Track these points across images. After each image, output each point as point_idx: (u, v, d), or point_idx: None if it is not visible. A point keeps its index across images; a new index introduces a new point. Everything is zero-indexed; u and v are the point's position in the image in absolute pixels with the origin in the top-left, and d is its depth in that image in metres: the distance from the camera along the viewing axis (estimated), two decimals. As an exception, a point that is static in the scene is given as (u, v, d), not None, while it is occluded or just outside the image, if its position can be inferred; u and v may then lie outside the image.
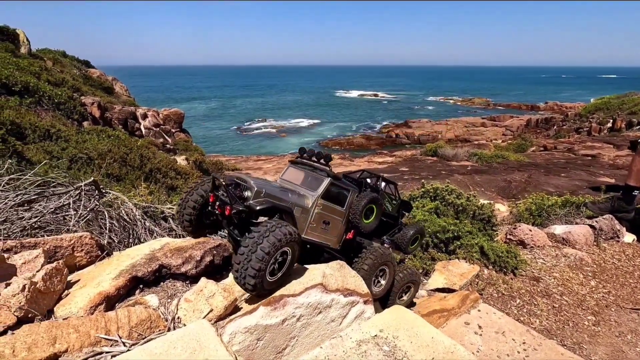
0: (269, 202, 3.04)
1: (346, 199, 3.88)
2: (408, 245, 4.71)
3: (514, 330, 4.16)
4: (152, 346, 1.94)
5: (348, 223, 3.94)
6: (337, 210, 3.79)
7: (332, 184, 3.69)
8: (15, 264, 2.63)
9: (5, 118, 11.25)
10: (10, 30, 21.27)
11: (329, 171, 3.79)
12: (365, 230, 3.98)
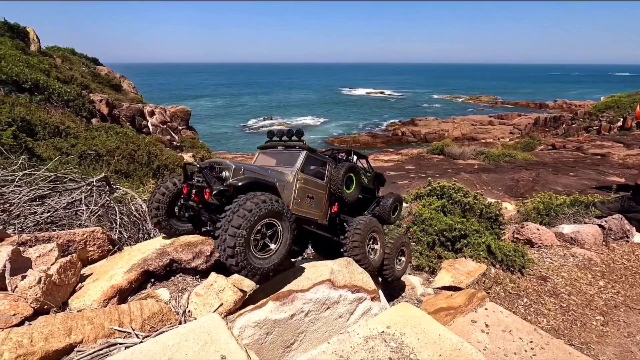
0: (250, 177, 2.97)
1: (325, 171, 3.94)
2: (390, 214, 4.86)
3: (521, 329, 4.15)
4: (165, 338, 1.98)
5: (331, 196, 4.01)
6: (318, 183, 3.84)
7: (308, 157, 3.73)
8: (30, 257, 2.70)
9: (16, 115, 11.42)
10: (20, 28, 21.54)
11: (303, 145, 3.83)
12: (349, 200, 4.07)
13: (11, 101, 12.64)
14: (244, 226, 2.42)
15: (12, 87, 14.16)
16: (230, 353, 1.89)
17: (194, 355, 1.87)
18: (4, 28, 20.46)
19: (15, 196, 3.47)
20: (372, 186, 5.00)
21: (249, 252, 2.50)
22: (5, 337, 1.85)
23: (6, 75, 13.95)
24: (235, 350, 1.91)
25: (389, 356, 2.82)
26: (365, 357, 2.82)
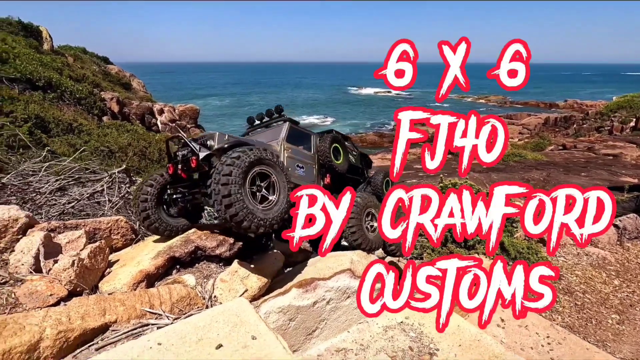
0: (235, 140, 3.01)
1: (310, 142, 4.02)
2: (383, 189, 4.95)
3: (538, 324, 4.14)
4: (195, 320, 2.04)
5: (321, 168, 4.09)
6: (306, 154, 3.92)
7: (291, 128, 3.82)
8: (60, 243, 2.78)
9: (31, 112, 11.65)
10: (34, 27, 21.90)
11: (284, 117, 3.95)
12: (340, 170, 4.15)
13: (25, 98, 12.89)
14: (234, 173, 2.39)
15: (26, 84, 14.42)
16: (260, 334, 1.94)
17: (225, 335, 1.92)
18: (18, 27, 20.83)
19: (42, 186, 3.58)
20: (360, 165, 5.10)
21: (248, 201, 2.45)
22: (44, 315, 1.92)
23: (20, 73, 14.20)
24: (264, 332, 1.96)
25: (409, 345, 2.85)
26: (385, 345, 2.86)
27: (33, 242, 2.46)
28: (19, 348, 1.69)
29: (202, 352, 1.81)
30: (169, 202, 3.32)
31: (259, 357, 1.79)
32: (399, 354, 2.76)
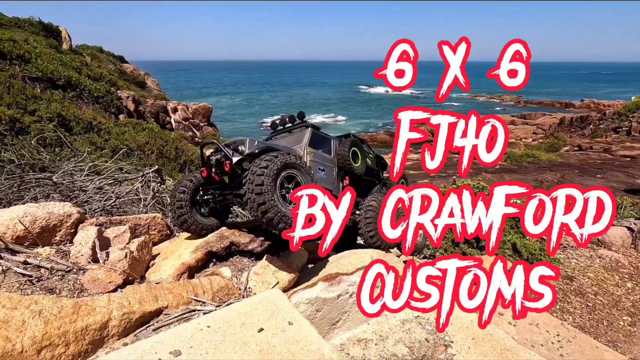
0: (265, 146, 3.23)
1: (330, 146, 4.23)
2: None
3: (548, 323, 4.28)
4: (237, 307, 2.29)
5: (341, 170, 4.27)
6: (327, 157, 4.13)
7: (314, 133, 4.02)
8: (109, 237, 3.08)
9: (53, 111, 12.18)
10: (54, 27, 22.61)
11: (307, 123, 4.14)
12: (359, 173, 4.33)
13: (47, 97, 13.45)
14: (266, 181, 2.60)
15: (47, 83, 14.98)
16: (296, 321, 2.18)
17: (265, 321, 2.17)
18: (39, 27, 21.55)
19: (86, 184, 3.90)
20: (376, 167, 5.23)
21: (280, 204, 2.66)
22: (108, 299, 2.21)
23: (42, 73, 14.76)
24: (299, 319, 2.21)
25: (425, 337, 3.07)
26: (403, 337, 3.08)
27: (89, 235, 2.76)
28: (93, 326, 1.98)
29: (246, 334, 2.06)
30: (200, 203, 3.58)
31: (296, 339, 2.04)
32: (416, 344, 2.97)
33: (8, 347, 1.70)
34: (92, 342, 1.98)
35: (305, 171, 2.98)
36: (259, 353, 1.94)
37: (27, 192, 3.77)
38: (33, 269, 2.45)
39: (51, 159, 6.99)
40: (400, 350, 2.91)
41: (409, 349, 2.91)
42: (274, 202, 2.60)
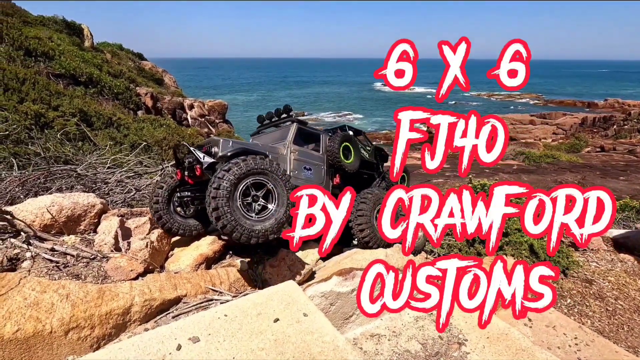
0: (238, 147, 2.95)
1: (319, 142, 3.91)
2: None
3: (566, 325, 4.19)
4: (253, 297, 2.34)
5: (330, 167, 3.97)
6: (314, 155, 3.82)
7: (299, 129, 3.73)
8: (130, 227, 3.18)
9: (75, 106, 12.60)
10: (76, 25, 23.30)
11: (292, 117, 3.84)
12: (350, 170, 4.03)
13: (70, 93, 13.90)
14: (223, 186, 2.37)
15: (70, 80, 15.47)
16: (310, 312, 2.22)
17: (280, 311, 2.21)
18: (62, 25, 22.24)
19: (109, 177, 4.03)
20: (375, 160, 4.95)
21: (237, 213, 2.42)
22: (130, 286, 2.29)
23: (65, 70, 15.24)
24: (314, 311, 2.24)
25: (439, 334, 3.05)
26: (416, 334, 3.07)
27: (112, 225, 2.86)
28: (117, 310, 2.06)
29: (262, 324, 2.11)
30: (182, 204, 3.40)
31: (311, 330, 2.07)
32: (429, 341, 2.97)
33: (39, 328, 1.80)
34: (116, 326, 2.07)
35: (279, 176, 2.67)
36: (274, 342, 1.98)
37: (53, 183, 3.92)
38: (60, 256, 2.56)
39: (74, 153, 7.24)
40: (414, 347, 2.91)
41: (422, 346, 2.91)
42: (229, 209, 2.39)
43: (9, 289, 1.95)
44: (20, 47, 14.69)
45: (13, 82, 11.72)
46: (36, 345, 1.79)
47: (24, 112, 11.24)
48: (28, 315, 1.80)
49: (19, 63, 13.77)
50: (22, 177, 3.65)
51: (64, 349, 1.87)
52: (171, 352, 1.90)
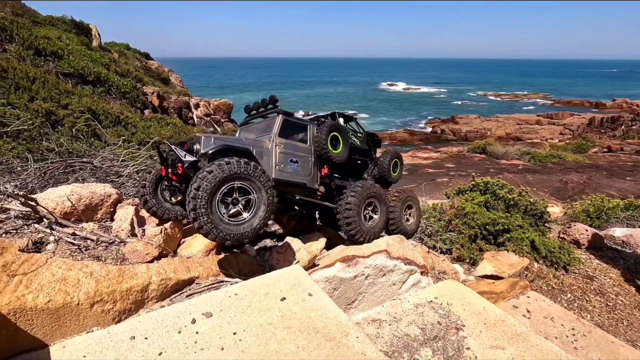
0: (220, 145, 2.94)
1: (307, 133, 3.83)
2: (390, 172, 4.71)
3: (564, 317, 4.29)
4: (261, 279, 2.50)
5: (319, 159, 3.87)
6: (300, 147, 3.74)
7: (285, 121, 3.64)
8: (144, 216, 3.35)
9: (84, 105, 12.90)
10: (84, 25, 23.69)
11: (278, 110, 3.74)
12: (338, 160, 3.90)
13: (78, 92, 14.21)
14: (203, 188, 2.39)
15: (78, 79, 15.78)
16: (315, 293, 2.37)
17: (287, 291, 2.36)
18: (71, 25, 22.64)
19: (122, 170, 4.22)
20: (367, 147, 4.84)
21: (214, 215, 2.44)
22: (146, 267, 2.46)
23: (74, 69, 15.56)
24: (318, 291, 2.39)
25: (437, 320, 3.18)
26: (416, 319, 3.21)
27: (128, 212, 3.04)
28: (136, 287, 2.22)
29: (270, 302, 2.26)
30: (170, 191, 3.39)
31: (315, 308, 2.22)
32: (428, 326, 3.10)
33: (67, 299, 1.97)
34: (135, 302, 2.23)
35: (262, 184, 2.65)
36: (281, 318, 2.14)
37: (70, 175, 4.11)
38: (80, 240, 2.74)
39: (86, 148, 7.47)
40: (413, 331, 3.04)
41: (421, 330, 3.04)
42: (205, 211, 2.41)
43: (38, 266, 2.12)
44: (30, 47, 15.02)
45: (23, 80, 12.03)
46: (65, 316, 1.96)
47: (35, 110, 11.55)
48: (57, 289, 1.98)
49: (28, 62, 14.10)
50: (42, 169, 3.85)
51: (89, 320, 2.04)
52: (187, 325, 2.06)
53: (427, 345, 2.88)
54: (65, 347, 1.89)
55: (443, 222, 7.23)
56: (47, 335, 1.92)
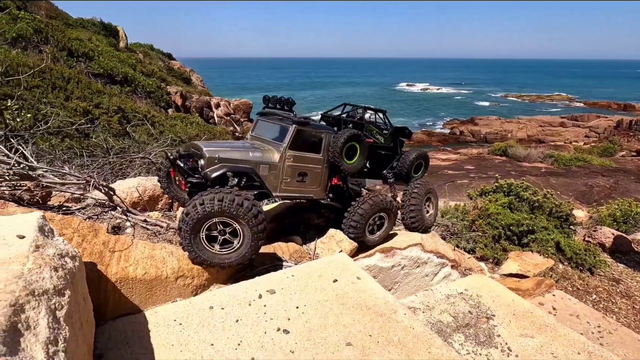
0: (223, 167, 2.98)
1: (321, 143, 3.62)
2: (410, 172, 4.48)
3: (590, 315, 4.41)
4: (313, 263, 2.81)
5: (331, 168, 3.71)
6: (312, 158, 3.57)
7: (299, 132, 3.45)
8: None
9: (114, 104, 13.59)
10: (112, 27, 24.73)
11: (293, 118, 3.52)
12: (351, 172, 3.74)
13: (108, 92, 14.95)
14: (191, 217, 2.45)
15: (107, 79, 16.58)
16: (362, 276, 2.66)
17: (338, 274, 2.66)
18: (100, 27, 23.69)
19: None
20: (391, 143, 4.63)
21: (198, 243, 2.50)
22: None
23: (103, 69, 16.36)
24: (365, 275, 2.68)
25: (468, 310, 3.42)
26: (448, 308, 3.45)
27: (189, 203, 3.40)
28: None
29: (323, 283, 2.57)
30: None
31: (365, 289, 2.51)
32: (460, 315, 3.33)
33: (158, 273, 2.33)
34: (208, 279, 2.58)
35: (249, 220, 2.59)
36: (335, 296, 2.44)
37: (128, 169, 4.55)
38: (152, 226, 3.12)
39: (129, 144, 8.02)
40: (446, 318, 3.28)
41: (453, 318, 3.28)
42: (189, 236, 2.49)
43: (128, 245, 2.49)
44: (63, 48, 15.90)
45: (59, 81, 12.81)
46: (156, 286, 2.32)
47: (74, 108, 12.31)
48: (150, 264, 2.34)
49: (62, 63, 14.94)
50: (112, 163, 4.31)
51: (174, 291, 2.39)
52: (255, 299, 2.39)
53: (459, 332, 3.12)
54: (157, 312, 2.25)
55: (466, 222, 7.38)
56: (142, 302, 2.28)
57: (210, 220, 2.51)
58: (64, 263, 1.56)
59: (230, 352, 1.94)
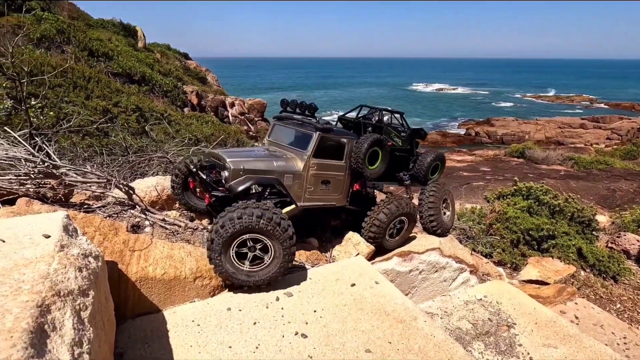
0: (249, 179, 2.89)
1: (343, 149, 3.53)
2: (427, 174, 4.42)
3: (614, 325, 4.24)
4: (330, 266, 2.78)
5: (352, 174, 3.64)
6: (335, 165, 3.49)
7: (322, 139, 3.34)
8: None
9: (132, 103, 13.86)
10: (131, 27, 25.25)
11: (316, 124, 3.39)
12: (373, 177, 3.68)
13: (127, 91, 15.25)
14: (224, 231, 2.34)
15: (125, 78, 16.92)
16: (381, 281, 2.61)
17: (355, 278, 2.62)
18: (119, 27, 24.22)
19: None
20: (408, 145, 4.57)
21: (230, 264, 2.40)
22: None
23: (122, 69, 16.70)
24: (383, 280, 2.63)
25: (488, 317, 3.32)
26: (466, 315, 3.36)
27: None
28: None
29: (341, 286, 2.53)
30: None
31: (383, 294, 2.46)
32: (480, 322, 3.24)
33: (177, 273, 2.34)
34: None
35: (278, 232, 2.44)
36: (354, 301, 2.40)
37: (146, 168, 4.62)
38: (170, 225, 3.14)
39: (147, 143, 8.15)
40: (464, 325, 3.20)
41: (472, 325, 3.19)
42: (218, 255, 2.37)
43: (147, 244, 2.51)
44: (84, 48, 16.30)
45: (80, 80, 13.14)
46: (175, 287, 2.33)
47: (94, 107, 12.61)
48: (169, 264, 2.35)
49: (83, 62, 15.31)
50: (132, 162, 4.38)
51: (192, 292, 2.40)
52: (272, 301, 2.37)
53: (479, 340, 3.04)
54: (176, 312, 2.26)
55: (483, 225, 7.21)
56: (161, 302, 2.29)
57: (244, 235, 2.41)
58: (87, 263, 1.57)
59: (248, 355, 1.93)
